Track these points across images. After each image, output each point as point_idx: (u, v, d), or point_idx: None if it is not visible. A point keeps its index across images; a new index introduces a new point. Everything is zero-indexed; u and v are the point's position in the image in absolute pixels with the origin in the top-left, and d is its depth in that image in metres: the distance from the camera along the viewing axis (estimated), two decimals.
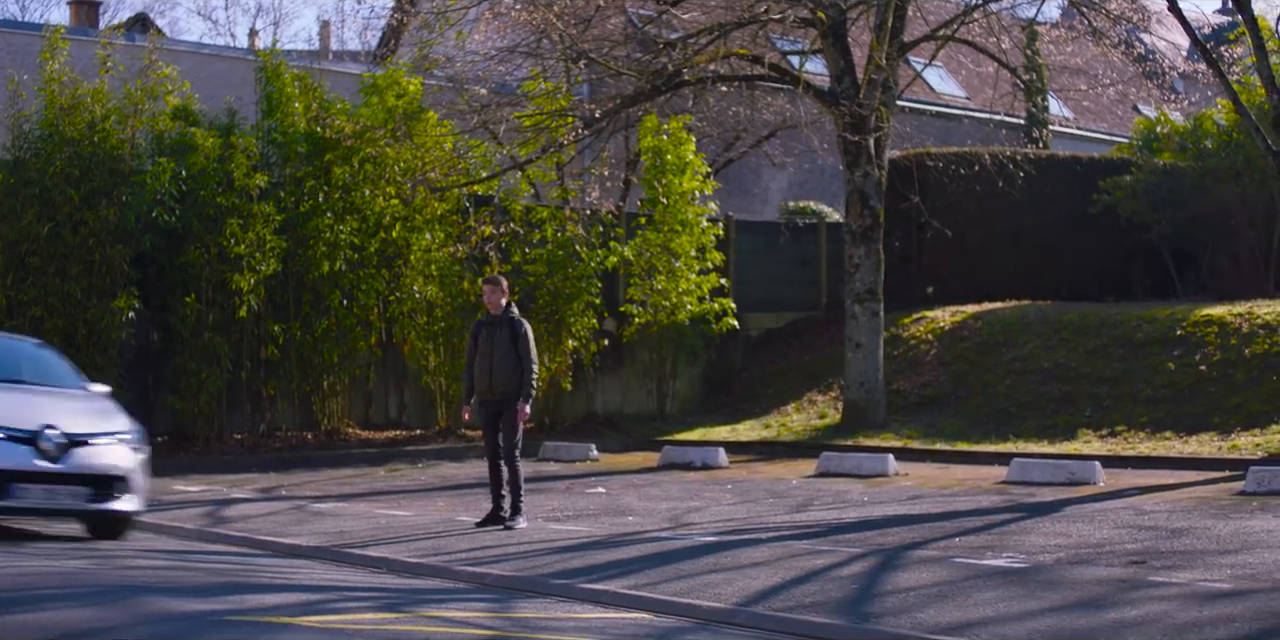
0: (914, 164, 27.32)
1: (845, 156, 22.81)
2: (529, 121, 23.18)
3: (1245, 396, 20.36)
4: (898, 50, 22.92)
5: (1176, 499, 14.89)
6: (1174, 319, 23.10)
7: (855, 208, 22.84)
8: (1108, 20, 25.47)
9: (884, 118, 22.67)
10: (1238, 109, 19.21)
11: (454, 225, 23.41)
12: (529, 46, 24.52)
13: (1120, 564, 10.71)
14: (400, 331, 23.24)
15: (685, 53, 22.64)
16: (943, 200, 27.24)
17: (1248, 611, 8.75)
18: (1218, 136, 29.40)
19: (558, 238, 23.88)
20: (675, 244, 24.45)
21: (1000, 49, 25.25)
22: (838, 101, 22.29)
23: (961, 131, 35.14)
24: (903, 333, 25.72)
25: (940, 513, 14.21)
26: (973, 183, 27.57)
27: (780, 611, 9.23)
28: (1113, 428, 20.61)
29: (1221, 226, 27.38)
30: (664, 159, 24.49)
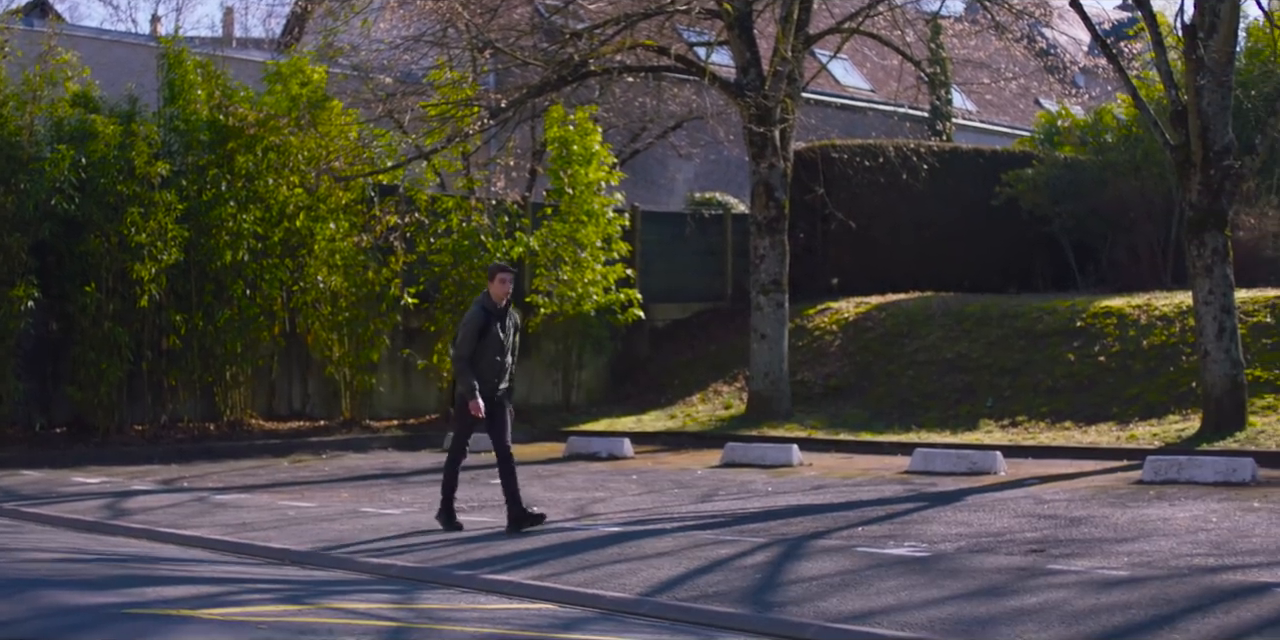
0: (819, 156, 27.49)
1: (751, 148, 22.89)
2: (435, 111, 23.07)
3: (1143, 387, 20.67)
4: (803, 43, 23.02)
5: (1076, 488, 15.08)
6: (1074, 310, 23.39)
7: (761, 199, 22.92)
8: (1010, 15, 25.71)
9: (789, 109, 22.77)
10: (1137, 104, 19.46)
11: (359, 215, 23.26)
12: (435, 35, 24.38)
13: (1020, 552, 10.84)
14: (304, 321, 23.08)
15: (592, 43, 22.62)
16: (847, 192, 27.43)
17: (1144, 598, 8.88)
18: (1118, 131, 29.80)
19: (463, 228, 23.79)
20: (581, 234, 24.43)
21: (904, 42, 25.42)
22: (743, 93, 22.36)
23: (866, 124, 35.40)
24: (807, 324, 25.87)
25: (843, 502, 14.31)
26: (877, 175, 27.80)
27: (684, 601, 9.25)
28: (1014, 418, 20.84)
29: (1121, 219, 27.76)
30: (570, 149, 24.46)
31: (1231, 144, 18.42)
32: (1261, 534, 11.44)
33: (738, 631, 8.55)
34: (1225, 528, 11.87)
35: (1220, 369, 18.37)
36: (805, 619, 8.61)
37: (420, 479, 17.63)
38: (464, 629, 8.40)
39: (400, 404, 24.39)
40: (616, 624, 8.83)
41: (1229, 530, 11.72)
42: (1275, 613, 8.34)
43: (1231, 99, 18.87)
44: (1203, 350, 18.58)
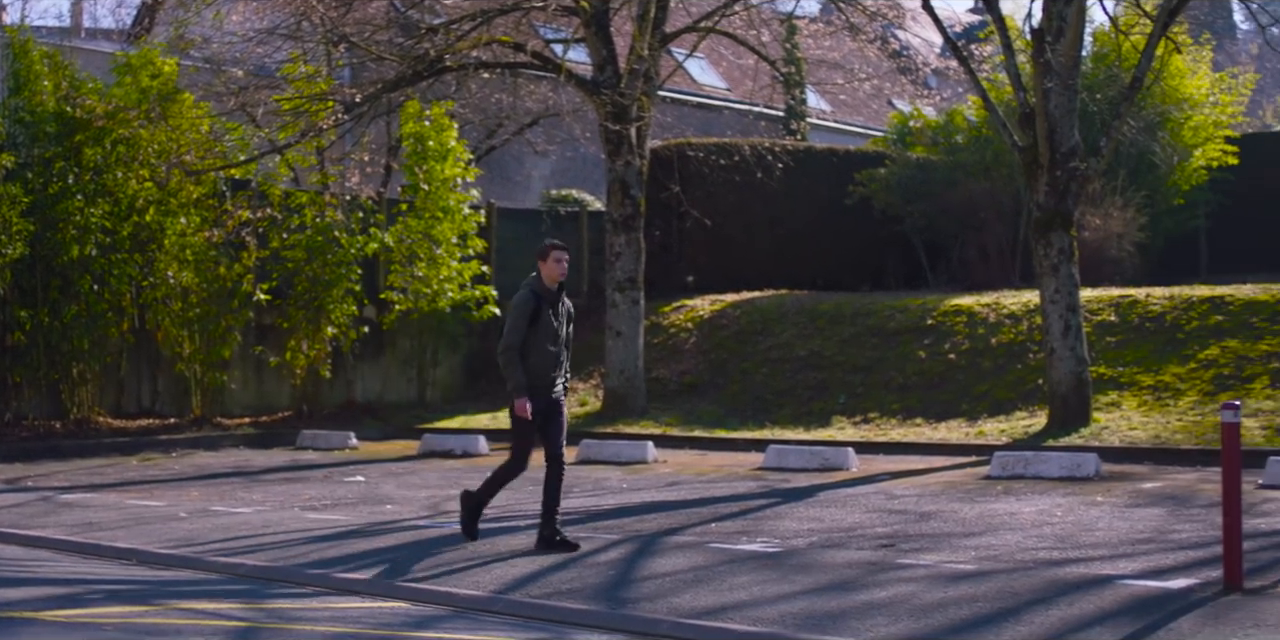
0: (675, 154, 27.60)
1: (607, 145, 22.92)
2: (288, 105, 22.82)
3: (992, 384, 21.02)
4: (660, 41, 23.10)
5: (925, 483, 15.30)
6: (925, 309, 23.72)
7: (617, 196, 22.97)
8: (864, 16, 26.02)
9: (645, 107, 22.84)
10: (987, 106, 19.79)
11: (210, 209, 22.93)
12: (288, 29, 24.13)
13: (870, 547, 10.97)
14: (154, 318, 22.71)
15: (448, 38, 22.52)
16: (703, 190, 27.57)
17: (990, 591, 9.03)
18: (968, 132, 30.27)
19: (317, 223, 23.56)
20: (437, 231, 24.31)
21: (760, 42, 25.63)
22: (600, 90, 22.39)
23: (722, 122, 35.62)
24: (663, 321, 25.97)
25: (697, 499, 14.39)
26: (732, 173, 27.98)
27: (538, 598, 9.25)
28: (866, 414, 21.10)
29: (971, 219, 28.20)
30: (426, 145, 24.32)
31: (1077, 146, 18.79)
32: (1104, 528, 11.68)
33: (591, 628, 8.56)
34: (1069, 522, 12.11)
35: (1066, 366, 18.74)
36: (658, 615, 8.65)
37: (272, 477, 17.44)
38: (315, 628, 8.33)
39: (252, 401, 24.10)
40: (470, 622, 8.81)
41: (1073, 524, 11.95)
42: (1116, 605, 8.53)
43: (1078, 102, 19.26)
44: (1049, 348, 18.94)
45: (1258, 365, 19.65)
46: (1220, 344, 20.54)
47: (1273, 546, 10.54)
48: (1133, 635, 7.76)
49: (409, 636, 8.29)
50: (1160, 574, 9.52)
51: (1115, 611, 8.37)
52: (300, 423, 23.21)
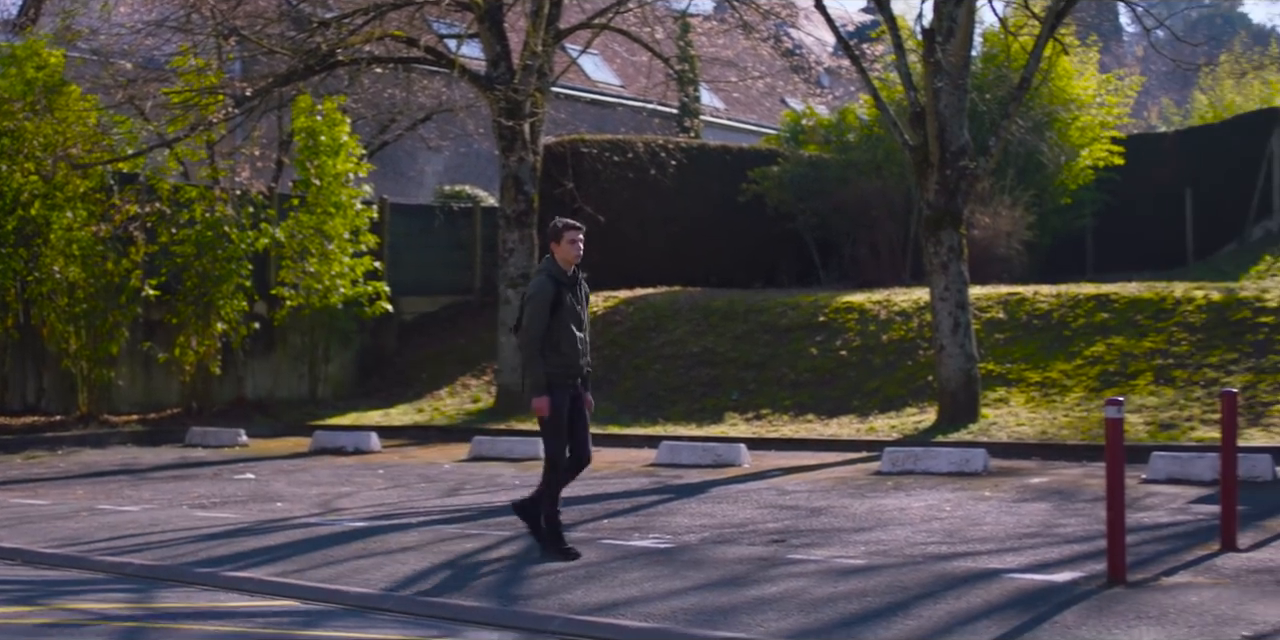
0: (569, 150, 27.58)
1: (500, 141, 22.87)
2: (178, 98, 22.54)
3: (882, 381, 21.21)
4: (553, 37, 23.06)
5: (817, 479, 15.41)
6: (817, 306, 23.88)
7: (510, 192, 22.92)
8: (757, 14, 26.14)
9: (539, 103, 22.80)
10: (878, 105, 19.96)
11: (97, 204, 22.58)
12: (178, 21, 23.82)
13: (762, 542, 11.03)
14: (39, 313, 22.33)
15: (340, 32, 22.35)
16: (597, 187, 27.57)
17: (880, 585, 9.11)
18: (860, 130, 30.52)
19: (207, 218, 23.29)
20: (329, 226, 24.11)
21: (654, 39, 25.67)
22: (493, 86, 22.32)
23: (616, 119, 35.65)
24: None
25: (590, 495, 14.39)
26: (626, 170, 28.01)
27: (429, 596, 9.22)
28: (758, 411, 21.20)
29: (862, 217, 28.43)
30: (318, 140, 24.12)
31: (967, 145, 19.00)
32: (992, 522, 11.83)
33: (482, 625, 8.54)
34: (958, 516, 12.25)
35: (955, 363, 18.95)
36: (550, 612, 8.65)
37: (161, 475, 17.23)
38: (202, 627, 8.25)
39: (140, 398, 23.78)
40: (360, 619, 8.76)
41: (961, 519, 12.09)
42: (1003, 598, 8.64)
43: (967, 101, 19.47)
44: (939, 345, 19.14)
45: (1142, 362, 19.98)
46: (1106, 341, 20.86)
47: (1155, 540, 10.72)
48: (1018, 628, 7.86)
49: (298, 635, 8.23)
50: (1046, 568, 9.66)
51: (1002, 605, 8.47)
52: (189, 420, 22.94)
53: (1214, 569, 9.47)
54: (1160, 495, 13.35)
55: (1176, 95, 56.59)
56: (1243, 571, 9.35)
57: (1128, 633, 7.68)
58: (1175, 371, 19.57)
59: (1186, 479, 14.28)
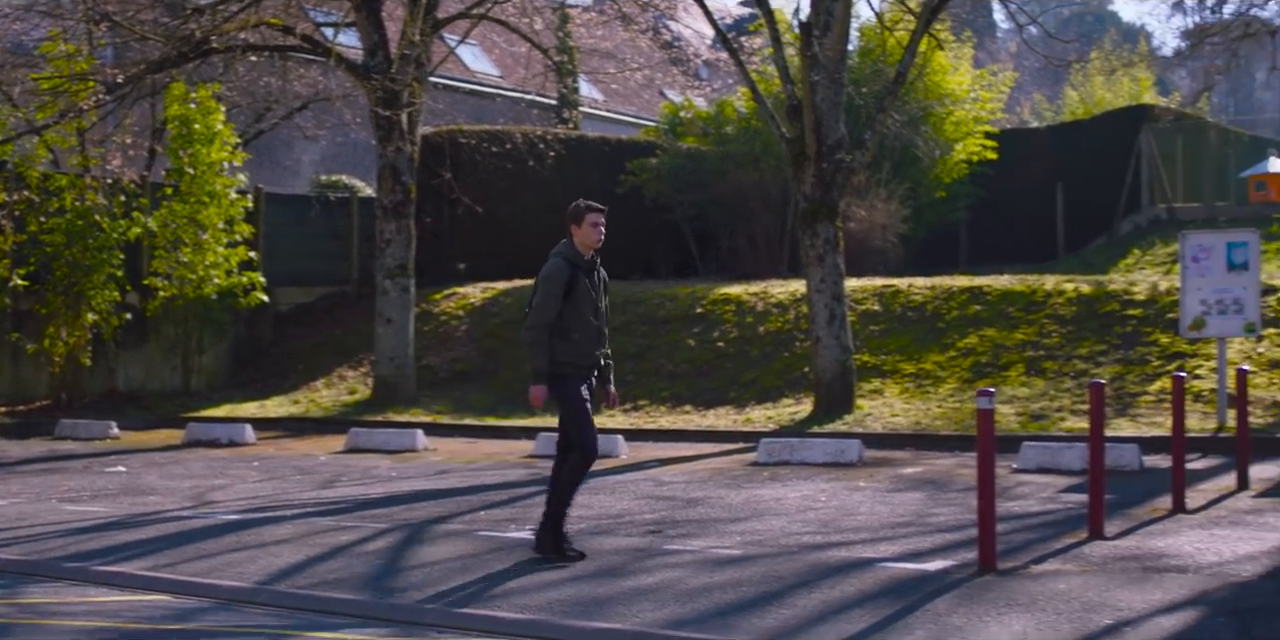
0: (447, 140, 27.46)
1: (378, 131, 22.70)
2: (47, 84, 22.14)
3: (759, 372, 21.34)
4: (431, 26, 22.94)
5: (694, 470, 15.48)
6: (695, 297, 23.98)
7: (387, 183, 22.76)
8: (637, 6, 26.22)
9: (417, 93, 22.67)
10: (756, 98, 20.07)
11: None
12: (48, 5, 23.41)
13: (639, 533, 11.06)
14: None
15: (215, 19, 22.06)
16: (475, 177, 27.48)
17: (755, 575, 9.17)
18: (738, 123, 30.68)
19: (77, 207, 22.90)
20: (202, 216, 23.79)
21: (533, 30, 25.62)
22: (370, 75, 22.16)
23: (494, 110, 35.52)
24: (434, 308, 25.84)
25: (467, 487, 14.35)
26: (504, 161, 27.93)
27: (303, 589, 9.14)
28: (636, 402, 21.25)
29: (740, 209, 28.58)
30: (191, 128, 23.77)
31: (843, 138, 19.17)
32: (866, 512, 11.95)
33: (357, 618, 8.48)
34: (833, 506, 12.36)
35: (831, 354, 19.12)
36: (425, 604, 8.61)
37: (29, 468, 16.92)
38: (71, 623, 8.12)
39: (8, 390, 23.35)
40: (233, 613, 8.66)
41: (836, 509, 12.21)
42: (876, 587, 8.73)
43: (844, 95, 19.64)
44: (815, 336, 19.30)
45: (1014, 354, 20.28)
46: (979, 333, 21.15)
47: (1025, 529, 10.89)
48: (891, 617, 7.95)
49: (170, 630, 8.12)
50: (918, 556, 9.77)
51: (875, 593, 8.56)
52: (59, 412, 22.55)
53: (1082, 557, 9.64)
54: (1031, 484, 13.56)
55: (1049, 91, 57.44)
56: (1109, 559, 9.52)
57: (998, 620, 7.79)
58: (1046, 363, 19.89)
59: (1056, 468, 14.52)
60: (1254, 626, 7.52)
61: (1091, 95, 47.37)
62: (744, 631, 7.69)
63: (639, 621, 8.01)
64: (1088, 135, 33.60)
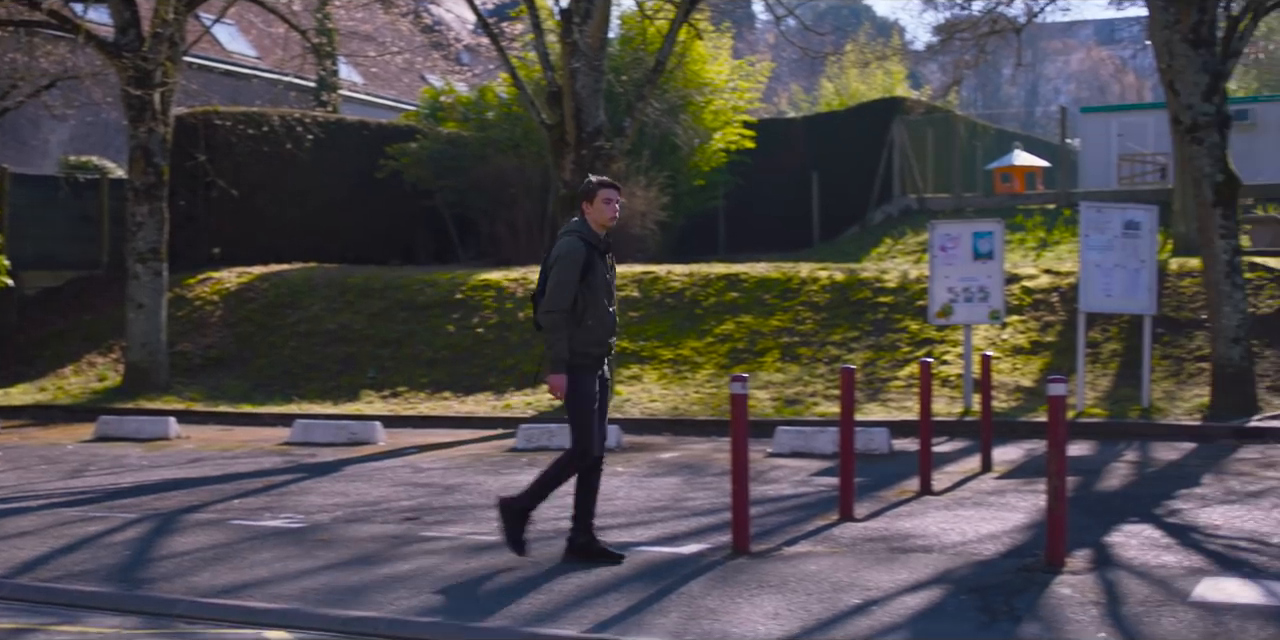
0: (201, 122, 26.87)
1: (129, 111, 22.11)
2: None
3: (519, 358, 21.36)
4: (186, 5, 22.38)
5: (453, 456, 15.44)
6: (455, 283, 23.89)
7: (139, 164, 22.19)
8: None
9: (170, 73, 22.13)
10: (516, 83, 20.05)
11: None
12: None
13: (396, 520, 11.00)
14: None
15: None
16: (231, 160, 26.95)
17: (512, 561, 9.19)
18: (499, 109, 30.61)
19: None
20: None
21: (291, 10, 25.21)
22: (121, 54, 21.56)
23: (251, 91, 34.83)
24: (188, 293, 25.29)
25: (220, 475, 14.10)
26: (261, 143, 27.44)
27: (47, 581, 8.89)
28: (395, 388, 21.10)
29: (501, 195, 28.54)
30: None
31: (603, 125, 19.26)
32: (624, 497, 12.05)
33: (105, 610, 8.28)
34: None
35: None
36: (175, 595, 8.44)
37: None
38: None
39: None
40: None
41: None
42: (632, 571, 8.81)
43: (604, 83, 19.73)
44: None
45: (769, 340, 20.63)
46: (735, 320, 21.46)
47: (779, 512, 11.10)
48: (646, 600, 8.04)
49: None
50: (674, 540, 9.90)
51: (631, 577, 8.65)
52: None
53: (832, 538, 9.86)
54: (785, 468, 13.82)
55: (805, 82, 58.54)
56: (859, 540, 9.75)
57: (750, 601, 7.93)
58: (800, 349, 20.28)
59: (810, 452, 14.82)
60: (994, 603, 7.78)
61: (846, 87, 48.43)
62: (500, 617, 7.71)
63: (394, 609, 7.97)
64: (842, 126, 34.34)
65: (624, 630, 7.40)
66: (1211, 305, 17.19)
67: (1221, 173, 16.96)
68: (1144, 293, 17.43)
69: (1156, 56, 17.44)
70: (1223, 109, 17.07)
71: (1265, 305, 19.85)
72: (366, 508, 11.72)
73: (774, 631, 7.30)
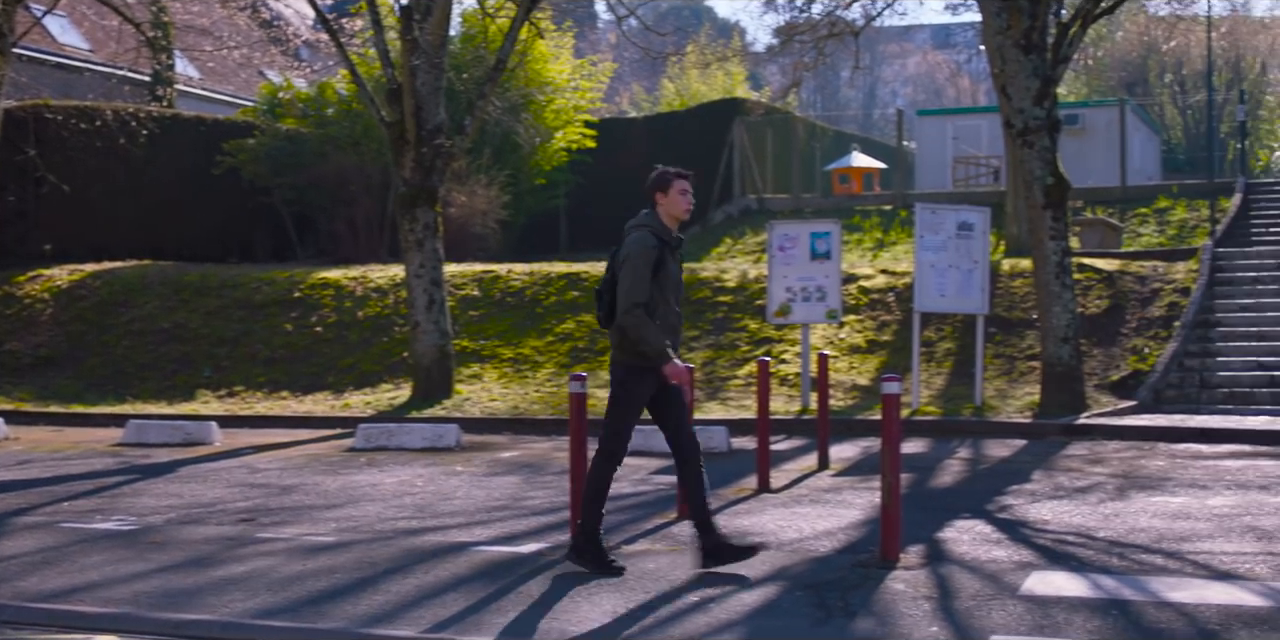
0: (31, 115, 26.28)
1: None
2: None
3: (358, 357, 21.19)
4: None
5: (290, 457, 15.27)
6: (293, 281, 23.64)
7: None
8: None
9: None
10: (355, 80, 19.90)
11: None
12: None
13: (231, 522, 10.85)
14: None
15: None
16: (62, 154, 26.39)
17: (349, 562, 9.12)
18: (339, 105, 30.33)
19: None
20: None
21: (125, 2, 24.74)
22: None
23: (84, 85, 34.14)
24: (17, 291, 24.72)
25: (51, 477, 13.80)
26: (94, 138, 26.89)
27: None
28: (232, 388, 20.83)
29: (341, 192, 28.29)
30: None
31: (444, 123, 19.19)
32: (463, 497, 12.02)
33: None
34: (430, 491, 12.38)
35: (430, 339, 19.14)
36: (1, 600, 8.25)
37: None
38: None
39: None
40: None
41: (433, 494, 12.23)
42: (471, 571, 8.79)
43: (445, 81, 19.67)
44: (414, 321, 19.28)
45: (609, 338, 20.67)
46: (576, 318, 21.50)
47: (618, 510, 11.13)
48: (485, 599, 8.02)
49: None
50: (513, 539, 9.89)
51: (470, 577, 8.62)
52: None
53: (671, 536, 9.92)
54: (625, 467, 13.82)
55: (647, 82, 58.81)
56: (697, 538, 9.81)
57: (589, 600, 7.95)
58: None
59: (649, 451, 14.86)
60: (829, 599, 7.88)
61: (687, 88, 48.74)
62: (336, 618, 7.64)
63: (229, 611, 7.87)
64: (683, 126, 34.56)
65: (462, 630, 7.38)
66: (1041, 305, 17.57)
67: (1051, 176, 17.35)
68: (977, 293, 17.77)
69: (990, 61, 17.79)
70: (1053, 113, 17.46)
71: (1093, 305, 20.35)
72: (201, 509, 11.55)
73: (612, 630, 7.32)
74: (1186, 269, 21.36)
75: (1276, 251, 22.26)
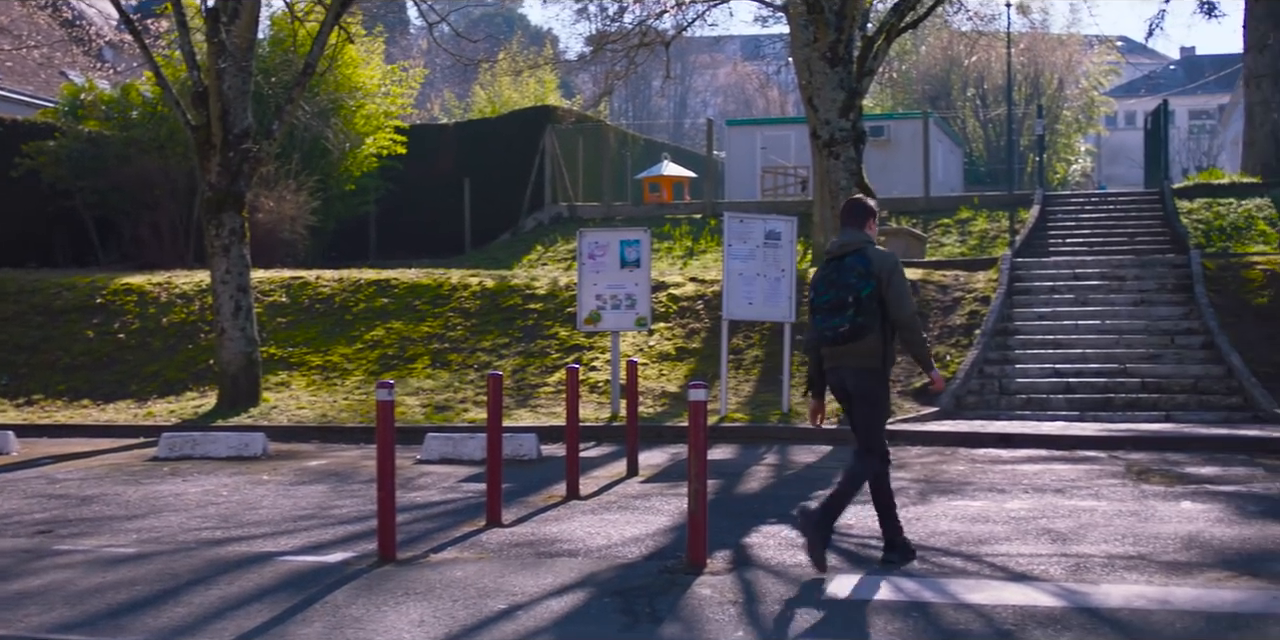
0: None
1: None
2: None
3: (163, 364, 20.81)
4: None
5: (91, 467, 14.94)
6: (95, 287, 23.14)
7: None
8: None
9: None
10: (160, 82, 19.55)
11: None
12: None
13: (27, 534, 10.59)
14: None
15: None
16: None
17: (150, 573, 8.95)
18: (144, 107, 29.75)
19: None
20: None
21: None
22: None
23: None
24: None
25: None
26: None
27: None
28: (30, 396, 20.32)
29: (145, 196, 27.76)
30: None
31: (251, 128, 18.94)
32: (269, 506, 11.86)
33: None
34: (235, 501, 12.20)
35: (236, 346, 18.87)
36: None
37: None
38: None
39: None
40: None
41: (238, 503, 12.06)
42: (276, 581, 8.69)
43: (252, 84, 19.42)
44: (220, 328, 18.99)
45: (420, 346, 20.58)
46: (386, 325, 21.35)
47: (426, 518, 11.08)
48: (290, 610, 7.94)
49: None
50: (320, 549, 9.79)
51: (275, 587, 8.52)
52: None
53: (479, 544, 9.90)
54: (434, 475, 13.80)
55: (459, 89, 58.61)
56: (505, 546, 9.82)
57: (395, 609, 7.91)
58: (451, 355, 20.30)
59: (459, 459, 14.84)
60: (636, 605, 7.94)
61: (499, 95, 48.67)
62: (136, 632, 7.50)
63: (24, 626, 7.68)
64: (495, 133, 34.53)
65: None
66: None
67: (857, 186, 17.66)
68: (784, 301, 18.00)
69: (797, 73, 18.09)
70: (858, 125, 17.79)
71: None
72: None
73: (419, 639, 7.29)
74: (987, 278, 21.88)
75: (1072, 262, 22.91)
